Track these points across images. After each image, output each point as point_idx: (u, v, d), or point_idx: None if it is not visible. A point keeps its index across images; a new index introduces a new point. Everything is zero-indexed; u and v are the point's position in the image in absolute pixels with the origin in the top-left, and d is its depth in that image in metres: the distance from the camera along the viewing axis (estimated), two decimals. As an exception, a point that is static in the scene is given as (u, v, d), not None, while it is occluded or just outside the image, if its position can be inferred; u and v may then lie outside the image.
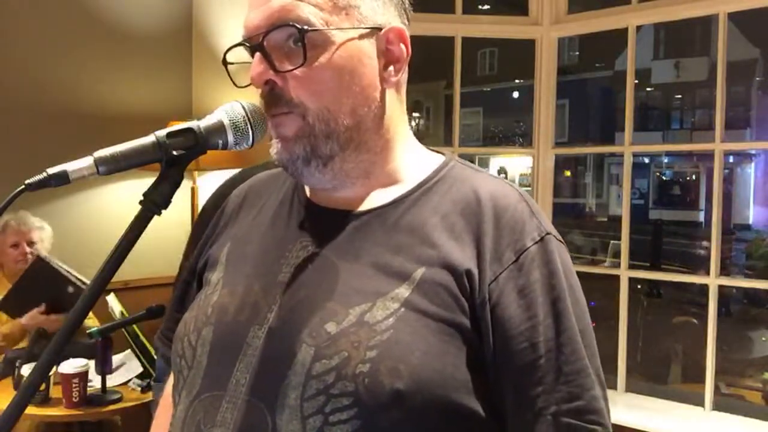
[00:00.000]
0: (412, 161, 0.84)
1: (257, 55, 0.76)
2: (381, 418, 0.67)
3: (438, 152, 0.87)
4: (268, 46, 0.75)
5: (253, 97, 0.81)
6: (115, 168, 0.67)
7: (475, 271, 0.73)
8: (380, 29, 0.79)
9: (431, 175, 0.82)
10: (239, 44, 0.79)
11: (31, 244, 2.78)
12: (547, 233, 0.77)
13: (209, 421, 0.73)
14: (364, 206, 0.80)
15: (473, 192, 0.79)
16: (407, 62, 0.82)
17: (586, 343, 0.74)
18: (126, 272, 0.77)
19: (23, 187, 0.63)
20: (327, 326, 0.71)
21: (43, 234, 2.84)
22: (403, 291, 0.72)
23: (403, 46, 0.81)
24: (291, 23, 0.74)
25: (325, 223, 0.80)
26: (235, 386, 0.73)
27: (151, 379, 2.36)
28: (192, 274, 0.93)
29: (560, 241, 0.78)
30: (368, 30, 0.78)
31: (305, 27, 0.74)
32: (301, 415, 0.68)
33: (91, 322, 2.64)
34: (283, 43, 0.75)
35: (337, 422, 0.67)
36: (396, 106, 0.83)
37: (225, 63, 0.81)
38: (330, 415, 0.68)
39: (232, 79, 0.82)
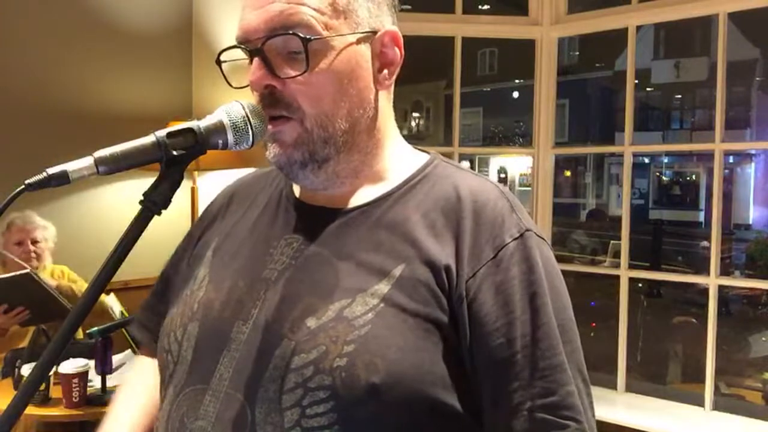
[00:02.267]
0: (398, 160, 0.85)
1: (256, 59, 0.76)
2: (357, 411, 0.68)
3: (423, 151, 0.88)
4: (267, 50, 0.76)
5: (252, 97, 0.81)
6: (115, 168, 0.67)
7: (454, 268, 0.74)
8: (375, 33, 0.80)
9: (415, 174, 0.83)
10: (236, 47, 0.79)
11: (35, 242, 2.80)
12: (527, 230, 0.77)
13: (192, 415, 0.74)
14: (350, 204, 0.82)
15: (454, 189, 0.80)
16: (400, 65, 0.83)
17: (565, 339, 0.74)
18: (126, 272, 0.78)
19: (23, 187, 0.63)
20: (307, 321, 0.72)
21: (47, 233, 2.85)
22: (383, 287, 0.73)
23: (396, 49, 0.82)
24: (293, 31, 0.74)
25: (311, 220, 0.82)
26: (218, 380, 0.74)
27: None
28: (175, 269, 0.94)
29: (541, 237, 0.79)
30: (365, 34, 0.79)
31: (308, 36, 0.74)
32: (280, 408, 0.70)
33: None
34: (283, 48, 0.76)
35: (314, 415, 0.68)
36: (386, 107, 0.84)
37: (219, 63, 0.82)
38: (307, 408, 0.69)
39: (227, 79, 0.83)
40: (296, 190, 0.87)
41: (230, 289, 0.79)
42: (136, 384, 0.96)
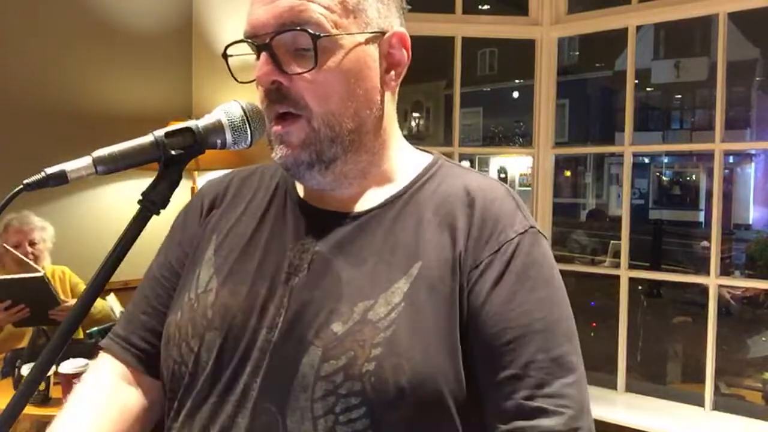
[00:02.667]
0: (403, 161, 0.86)
1: (264, 54, 0.75)
2: (389, 415, 0.69)
3: (426, 152, 0.89)
4: (276, 46, 0.75)
5: (253, 95, 0.80)
6: (114, 168, 0.67)
7: (461, 260, 0.76)
8: (384, 33, 0.80)
9: (422, 174, 0.84)
10: (244, 41, 0.78)
11: (32, 244, 2.79)
12: (531, 227, 0.79)
13: (217, 426, 0.73)
14: (361, 207, 0.81)
15: (463, 187, 0.81)
16: (407, 66, 0.83)
17: (561, 332, 0.75)
18: (125, 272, 0.78)
19: (22, 187, 0.63)
20: (333, 326, 0.72)
21: (45, 234, 2.84)
22: (403, 285, 0.74)
23: (404, 50, 0.82)
24: (303, 27, 0.73)
25: (324, 224, 0.81)
26: (243, 390, 0.73)
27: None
28: (171, 272, 0.90)
29: (543, 236, 0.81)
30: (373, 34, 0.79)
31: (318, 33, 0.74)
32: (312, 416, 0.70)
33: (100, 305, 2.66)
34: (291, 44, 0.75)
35: (347, 421, 0.69)
36: (391, 108, 0.84)
37: (225, 56, 0.81)
38: (340, 414, 0.69)
39: (232, 74, 0.82)
40: (301, 191, 0.86)
41: (250, 296, 0.78)
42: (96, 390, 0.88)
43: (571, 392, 0.72)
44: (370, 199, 0.82)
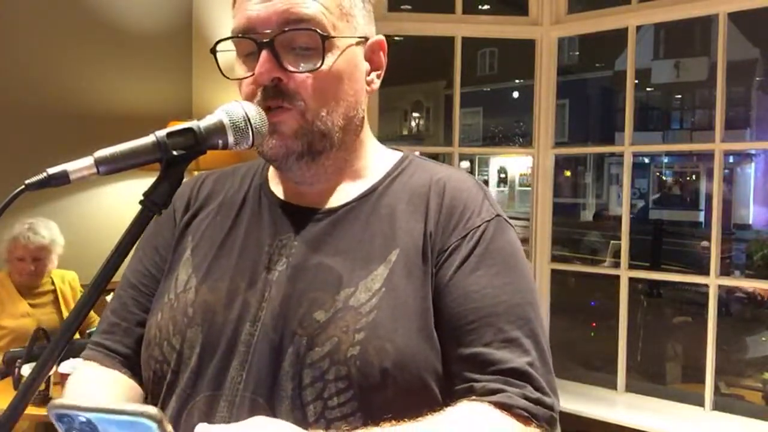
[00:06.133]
0: (376, 158, 0.89)
1: (265, 52, 0.76)
2: (375, 397, 0.71)
3: (396, 150, 0.93)
4: (277, 43, 0.76)
5: (239, 91, 0.81)
6: (115, 168, 0.67)
7: (432, 245, 0.79)
8: (367, 39, 0.84)
9: (393, 169, 0.87)
10: (245, 37, 0.78)
11: (36, 260, 2.79)
12: (497, 215, 0.83)
13: (206, 422, 0.73)
14: (335, 202, 0.84)
15: (434, 177, 0.85)
16: (384, 70, 0.88)
17: (520, 316, 0.77)
18: (126, 272, 0.77)
19: (23, 187, 0.63)
20: (316, 315, 0.74)
21: (52, 247, 2.81)
22: (382, 271, 0.76)
23: (382, 55, 0.87)
24: (311, 27, 0.76)
25: (301, 220, 0.83)
26: (231, 385, 0.74)
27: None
28: (149, 278, 0.89)
29: (510, 224, 0.84)
30: (361, 39, 0.83)
31: (326, 33, 0.76)
32: (301, 403, 0.71)
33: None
34: (291, 42, 0.77)
35: (336, 406, 0.71)
36: (366, 109, 0.88)
37: (214, 52, 0.82)
38: (329, 399, 0.71)
39: (221, 70, 0.83)
40: (275, 189, 0.88)
41: (231, 292, 0.79)
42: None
43: (531, 372, 0.74)
44: (344, 194, 0.85)
